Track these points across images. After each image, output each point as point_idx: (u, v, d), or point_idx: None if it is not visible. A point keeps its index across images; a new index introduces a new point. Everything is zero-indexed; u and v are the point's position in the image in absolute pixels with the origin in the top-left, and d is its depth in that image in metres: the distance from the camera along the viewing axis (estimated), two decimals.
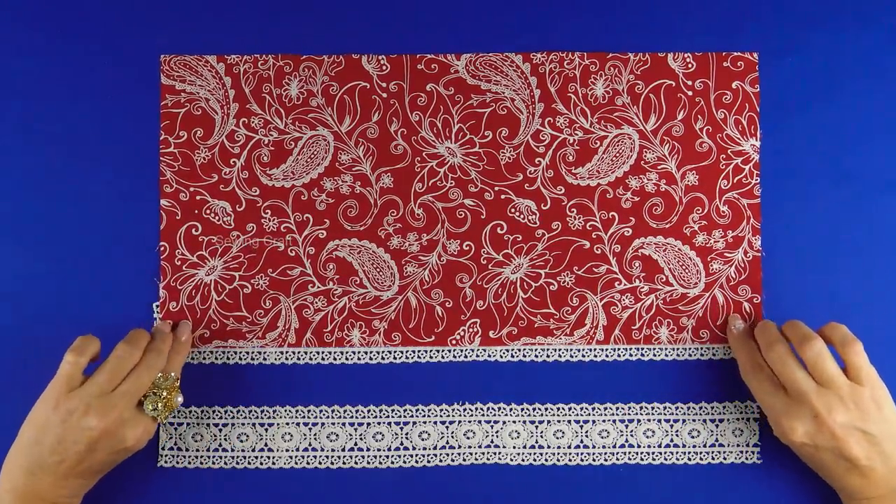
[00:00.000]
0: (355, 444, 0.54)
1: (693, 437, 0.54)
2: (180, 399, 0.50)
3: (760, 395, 0.50)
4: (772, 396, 0.49)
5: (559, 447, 0.54)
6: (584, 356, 0.54)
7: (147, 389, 0.49)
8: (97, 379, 0.48)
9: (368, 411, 0.54)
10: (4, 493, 0.47)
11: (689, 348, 0.54)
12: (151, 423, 0.49)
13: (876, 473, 0.47)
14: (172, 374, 0.50)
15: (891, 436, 0.47)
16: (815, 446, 0.47)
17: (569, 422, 0.54)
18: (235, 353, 0.54)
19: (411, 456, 0.54)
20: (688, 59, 0.55)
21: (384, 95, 0.54)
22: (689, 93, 0.55)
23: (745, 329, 0.53)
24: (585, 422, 0.54)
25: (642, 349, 0.54)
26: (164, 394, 0.49)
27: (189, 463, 0.53)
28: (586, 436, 0.54)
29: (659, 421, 0.54)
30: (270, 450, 0.53)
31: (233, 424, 0.53)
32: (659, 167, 0.55)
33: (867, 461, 0.47)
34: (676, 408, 0.54)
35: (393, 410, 0.54)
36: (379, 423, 0.54)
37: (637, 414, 0.54)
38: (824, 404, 0.47)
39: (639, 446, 0.54)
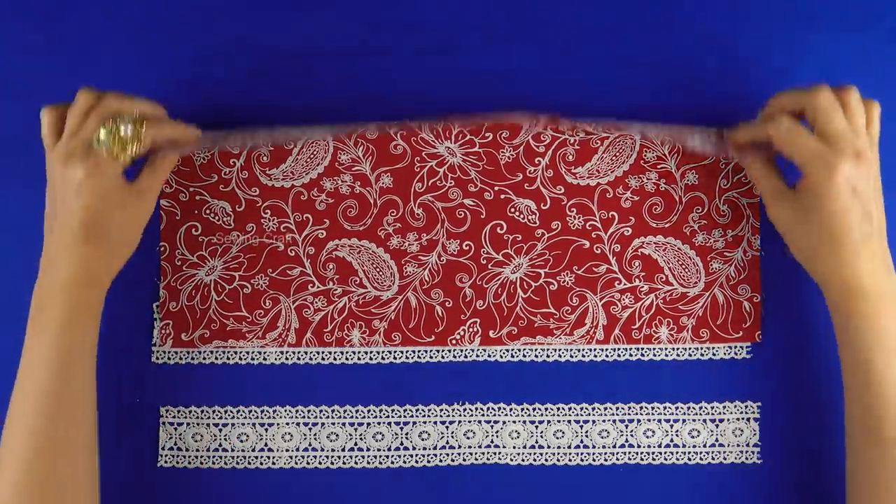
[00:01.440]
0: (355, 444, 0.54)
1: (693, 437, 0.54)
2: (128, 134, 0.47)
3: (790, 148, 0.47)
4: (805, 144, 0.46)
5: (559, 447, 0.54)
6: (583, 356, 0.54)
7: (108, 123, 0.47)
8: (68, 128, 0.47)
9: (368, 411, 0.54)
10: (55, 287, 0.47)
11: (689, 348, 0.54)
12: (106, 157, 0.47)
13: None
14: (136, 113, 0.47)
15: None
16: (854, 192, 0.46)
17: (569, 422, 0.54)
18: (235, 353, 0.54)
19: (411, 456, 0.54)
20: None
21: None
22: None
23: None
24: (585, 422, 0.54)
25: (642, 349, 0.54)
26: (118, 126, 0.46)
27: (189, 463, 0.53)
28: (586, 436, 0.54)
29: (659, 421, 0.54)
30: (270, 450, 0.53)
31: (233, 424, 0.53)
32: (659, 167, 0.55)
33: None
34: (676, 408, 0.54)
35: (393, 410, 0.54)
36: (379, 423, 0.54)
37: (637, 414, 0.54)
38: (862, 144, 0.46)
39: (639, 446, 0.54)
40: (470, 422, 0.54)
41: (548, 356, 0.54)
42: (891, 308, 0.47)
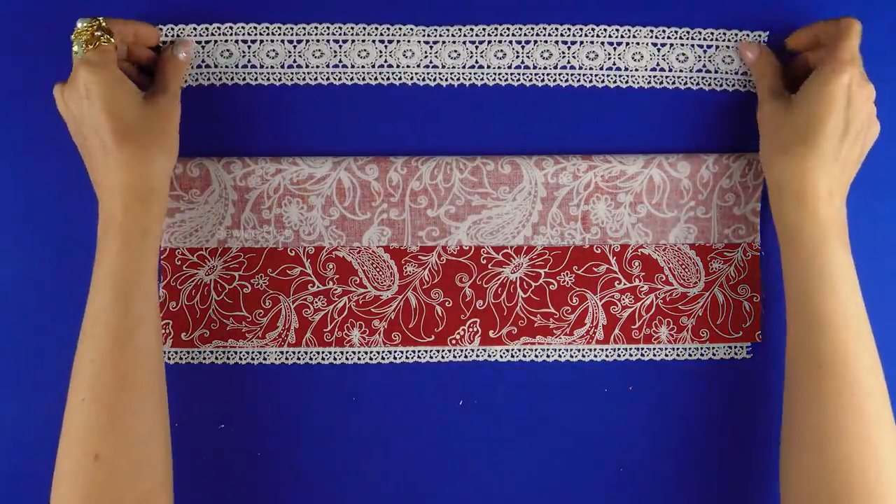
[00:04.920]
0: (340, 60, 0.54)
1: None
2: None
3: (837, 39, 0.49)
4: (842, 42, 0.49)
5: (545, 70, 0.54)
6: (583, 356, 0.54)
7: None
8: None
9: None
10: (111, 210, 0.47)
11: (689, 348, 0.55)
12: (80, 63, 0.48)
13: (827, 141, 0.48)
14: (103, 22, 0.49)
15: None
16: (848, 101, 0.48)
17: (556, 42, 0.54)
18: (235, 353, 0.54)
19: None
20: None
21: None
22: None
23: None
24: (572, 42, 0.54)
25: (642, 349, 0.54)
26: (77, 28, 0.48)
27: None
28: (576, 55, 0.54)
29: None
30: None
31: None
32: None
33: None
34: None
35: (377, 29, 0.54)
36: (363, 41, 0.54)
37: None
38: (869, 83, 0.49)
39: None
40: (454, 42, 0.54)
41: (548, 356, 0.54)
42: (836, 237, 0.48)
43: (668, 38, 0.55)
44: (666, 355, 0.54)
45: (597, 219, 0.54)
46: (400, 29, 0.54)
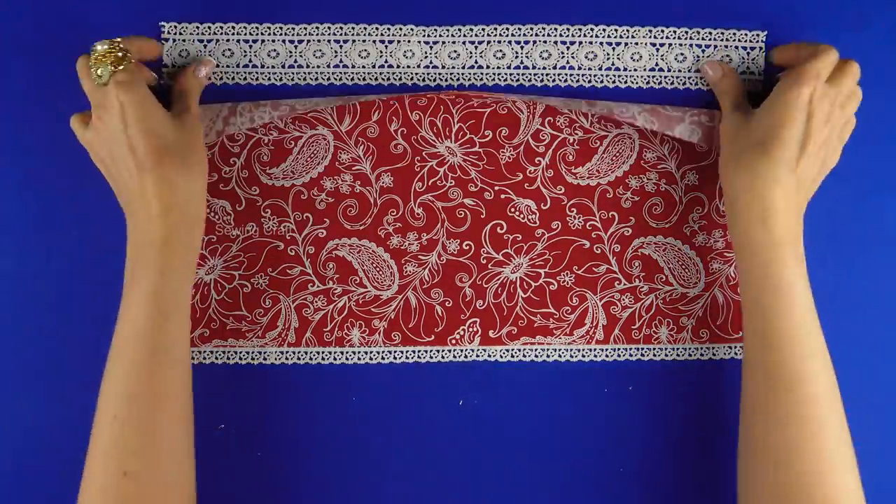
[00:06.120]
0: (341, 61, 0.54)
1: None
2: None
3: (808, 58, 0.49)
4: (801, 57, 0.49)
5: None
6: (583, 356, 0.54)
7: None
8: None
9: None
10: (148, 233, 0.47)
11: (689, 348, 0.55)
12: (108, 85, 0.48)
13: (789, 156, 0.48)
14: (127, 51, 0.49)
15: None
16: (808, 114, 0.47)
17: (555, 43, 0.54)
18: (235, 352, 0.54)
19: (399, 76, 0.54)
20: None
21: (384, 96, 0.54)
22: None
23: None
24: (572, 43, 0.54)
25: (642, 349, 0.54)
26: (96, 49, 0.48)
27: None
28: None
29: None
30: None
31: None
32: (659, 167, 0.55)
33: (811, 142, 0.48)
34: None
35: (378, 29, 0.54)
36: (364, 42, 0.54)
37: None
38: (834, 96, 0.48)
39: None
40: (454, 42, 0.54)
41: (548, 356, 0.54)
42: (790, 253, 0.48)
43: (667, 38, 0.55)
44: (666, 355, 0.54)
45: (603, 102, 0.54)
46: (400, 29, 0.54)
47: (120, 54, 0.48)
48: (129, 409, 0.45)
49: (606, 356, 0.54)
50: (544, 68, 0.54)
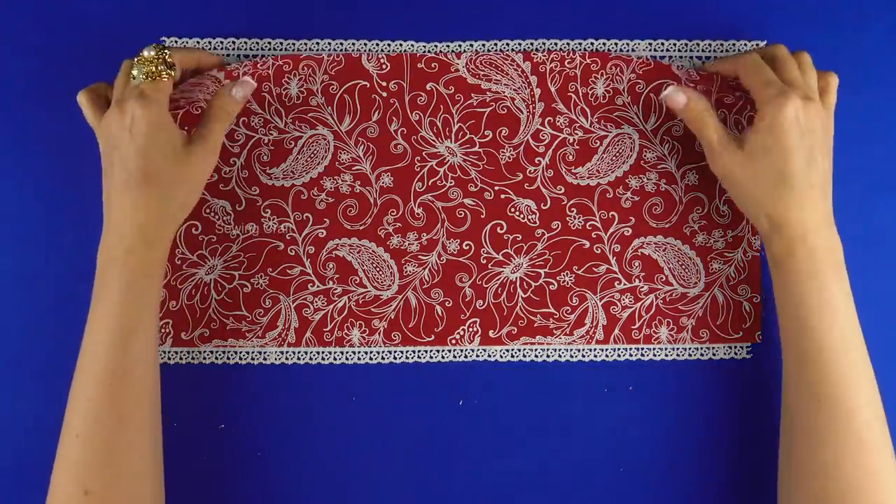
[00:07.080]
0: None
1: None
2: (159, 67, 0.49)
3: (750, 79, 0.49)
4: (765, 75, 0.49)
5: None
6: (583, 356, 0.54)
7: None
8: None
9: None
10: (116, 248, 0.47)
11: (689, 348, 0.55)
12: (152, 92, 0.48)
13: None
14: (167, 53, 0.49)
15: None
16: (801, 131, 0.47)
17: None
18: (235, 352, 0.54)
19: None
20: (692, 74, 0.54)
21: (384, 94, 0.54)
22: None
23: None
24: None
25: (642, 349, 0.54)
26: (142, 55, 0.49)
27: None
28: None
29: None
30: None
31: None
32: (659, 167, 0.55)
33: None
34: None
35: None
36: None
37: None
38: (813, 94, 0.48)
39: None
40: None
41: (548, 356, 0.54)
42: (830, 266, 0.47)
43: (667, 50, 0.55)
44: (666, 355, 0.54)
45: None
46: (401, 45, 0.54)
47: (161, 67, 0.48)
48: (91, 428, 0.45)
49: (606, 356, 0.54)
50: None
